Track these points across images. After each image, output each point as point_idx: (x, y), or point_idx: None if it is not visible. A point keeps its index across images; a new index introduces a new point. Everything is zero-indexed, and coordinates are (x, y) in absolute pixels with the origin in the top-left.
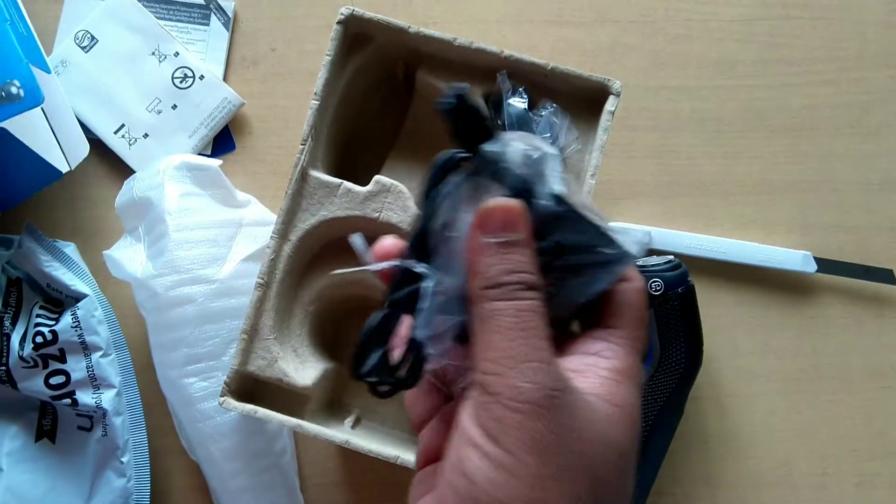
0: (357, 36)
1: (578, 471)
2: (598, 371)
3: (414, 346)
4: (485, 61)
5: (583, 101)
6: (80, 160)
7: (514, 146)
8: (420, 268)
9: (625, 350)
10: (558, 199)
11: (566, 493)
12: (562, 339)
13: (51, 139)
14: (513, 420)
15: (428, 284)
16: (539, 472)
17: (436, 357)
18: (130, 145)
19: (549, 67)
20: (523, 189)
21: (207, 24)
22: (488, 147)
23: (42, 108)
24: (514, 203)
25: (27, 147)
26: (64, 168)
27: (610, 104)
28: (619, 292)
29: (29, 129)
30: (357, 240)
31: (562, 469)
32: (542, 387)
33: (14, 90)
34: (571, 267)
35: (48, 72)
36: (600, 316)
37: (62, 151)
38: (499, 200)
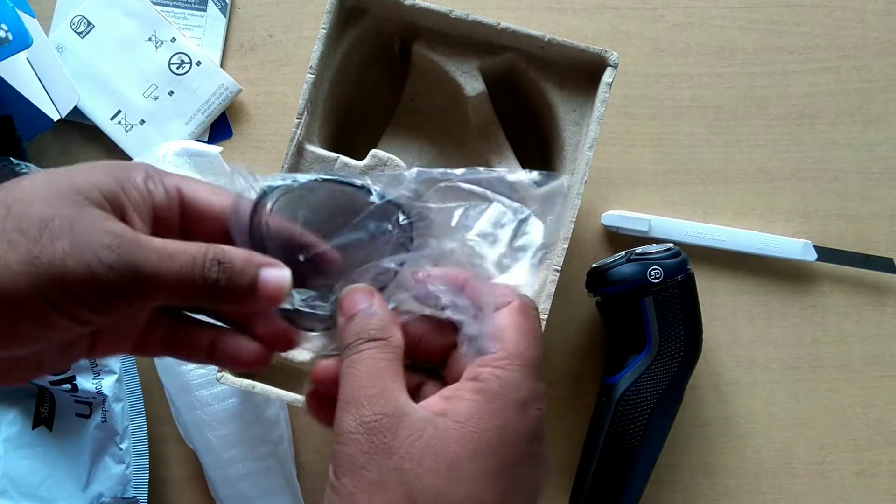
0: (352, 9)
1: (391, 484)
2: (463, 395)
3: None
4: (482, 34)
5: (581, 73)
6: (71, 108)
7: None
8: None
9: (496, 370)
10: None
11: (375, 502)
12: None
13: (38, 87)
14: (338, 450)
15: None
16: (352, 489)
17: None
18: (127, 132)
19: (546, 39)
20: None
21: (205, 10)
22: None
23: (28, 59)
24: (358, 286)
25: (17, 92)
26: (55, 115)
27: (607, 76)
28: (497, 316)
29: (15, 77)
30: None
31: (372, 483)
32: (361, 416)
33: (2, 34)
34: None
35: (33, 16)
36: (483, 344)
37: (51, 100)
38: (348, 288)
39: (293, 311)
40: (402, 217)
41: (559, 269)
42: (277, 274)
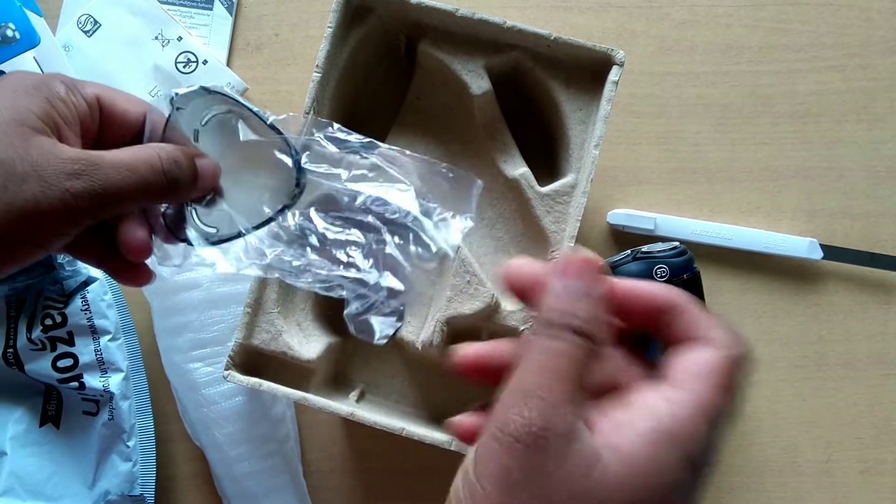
0: (359, 8)
1: None
2: (637, 427)
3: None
4: (488, 33)
5: (587, 72)
6: None
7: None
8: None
9: (684, 412)
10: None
11: None
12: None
13: None
14: (491, 450)
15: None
16: (493, 501)
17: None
18: None
19: (553, 38)
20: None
21: (211, 9)
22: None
23: (35, 58)
24: (596, 259)
25: None
26: None
27: (613, 74)
28: (702, 359)
29: None
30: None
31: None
32: (531, 424)
33: (10, 33)
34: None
35: (40, 15)
36: (677, 374)
37: None
38: (585, 253)
39: (174, 218)
40: (292, 155)
41: None
42: (209, 162)
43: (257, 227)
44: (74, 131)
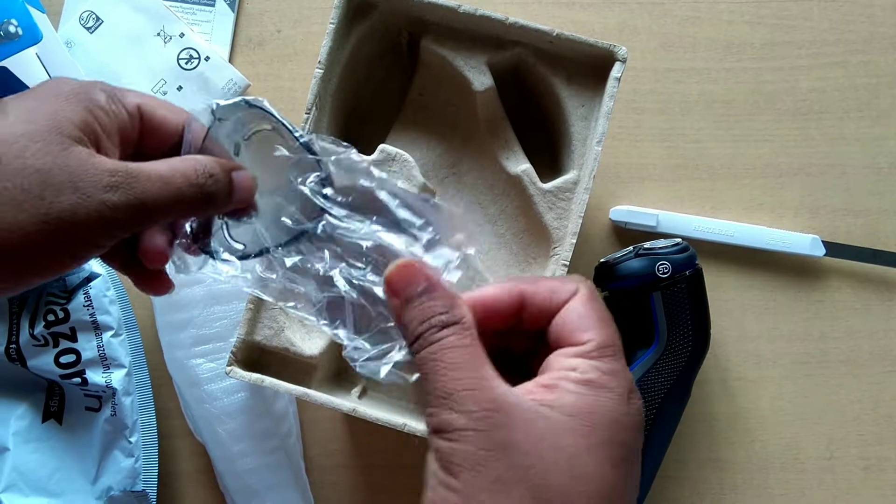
0: (361, 4)
1: (515, 481)
2: (566, 385)
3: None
4: (490, 29)
5: (589, 68)
6: None
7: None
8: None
9: (594, 362)
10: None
11: (500, 501)
12: (542, 355)
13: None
14: (450, 447)
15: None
16: (474, 488)
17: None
18: None
19: (555, 34)
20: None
21: (213, 5)
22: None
23: (37, 54)
24: (406, 261)
25: (27, 87)
26: None
27: (616, 70)
28: (568, 310)
29: (25, 72)
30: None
31: (495, 482)
32: (466, 414)
33: (12, 29)
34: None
35: (42, 11)
36: (566, 334)
37: None
38: (394, 263)
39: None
40: (319, 174)
41: (567, 263)
42: (246, 176)
43: (281, 246)
44: (113, 141)
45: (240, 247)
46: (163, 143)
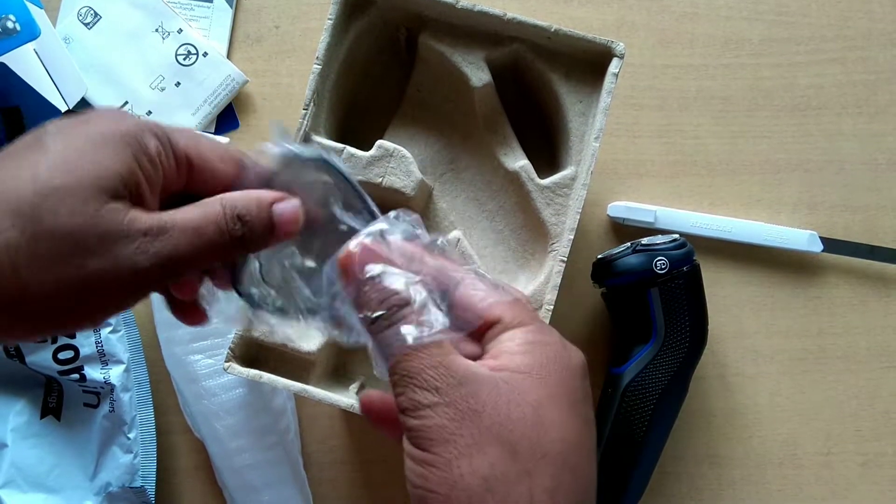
0: (359, 0)
1: (488, 442)
2: (511, 352)
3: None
4: (488, 25)
5: (587, 64)
6: (79, 99)
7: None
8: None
9: (531, 327)
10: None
11: (476, 463)
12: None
13: (46, 79)
14: (422, 426)
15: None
16: (449, 456)
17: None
18: None
19: (553, 30)
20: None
21: (211, 2)
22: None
23: (35, 50)
24: (351, 247)
25: (26, 83)
26: (62, 107)
27: (614, 66)
28: (474, 302)
29: (23, 68)
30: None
31: (470, 446)
32: (436, 389)
33: (10, 24)
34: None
35: (41, 7)
36: (488, 321)
37: (59, 91)
38: (341, 251)
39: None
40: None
41: (565, 260)
42: (288, 206)
43: (310, 313)
44: (155, 192)
45: (270, 293)
46: (208, 190)
